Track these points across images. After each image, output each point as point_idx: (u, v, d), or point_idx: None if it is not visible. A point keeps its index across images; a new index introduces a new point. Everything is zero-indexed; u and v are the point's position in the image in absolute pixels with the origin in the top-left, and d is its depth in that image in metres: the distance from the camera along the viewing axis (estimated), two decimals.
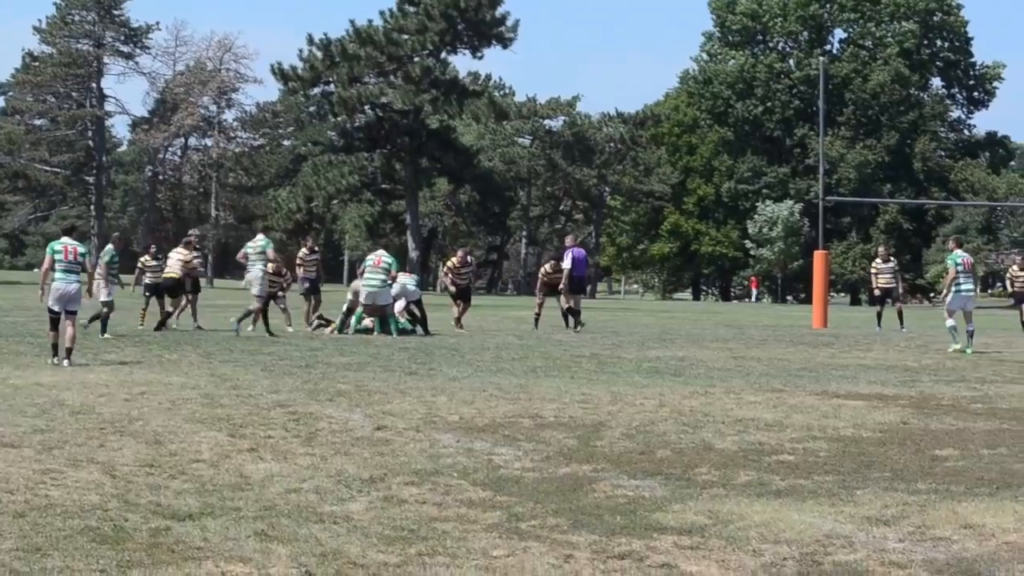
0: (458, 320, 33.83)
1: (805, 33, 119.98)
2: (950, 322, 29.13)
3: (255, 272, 30.30)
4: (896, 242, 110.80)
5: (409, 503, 9.33)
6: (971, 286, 29.41)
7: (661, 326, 39.41)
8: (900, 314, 38.16)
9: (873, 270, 38.59)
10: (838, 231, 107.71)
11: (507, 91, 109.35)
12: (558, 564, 7.47)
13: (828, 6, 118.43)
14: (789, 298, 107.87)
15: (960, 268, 29.08)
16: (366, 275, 30.62)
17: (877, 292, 38.42)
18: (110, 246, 30.77)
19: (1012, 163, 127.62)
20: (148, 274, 33.06)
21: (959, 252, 29.71)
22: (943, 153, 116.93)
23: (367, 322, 30.71)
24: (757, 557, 7.76)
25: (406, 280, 32.15)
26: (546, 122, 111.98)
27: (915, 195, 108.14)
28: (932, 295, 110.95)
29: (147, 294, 32.50)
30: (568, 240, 36.21)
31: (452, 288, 34.72)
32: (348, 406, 15.18)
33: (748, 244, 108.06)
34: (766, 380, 20.10)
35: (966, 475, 11.00)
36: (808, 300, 64.26)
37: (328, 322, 32.00)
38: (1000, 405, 17.03)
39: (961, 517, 9.11)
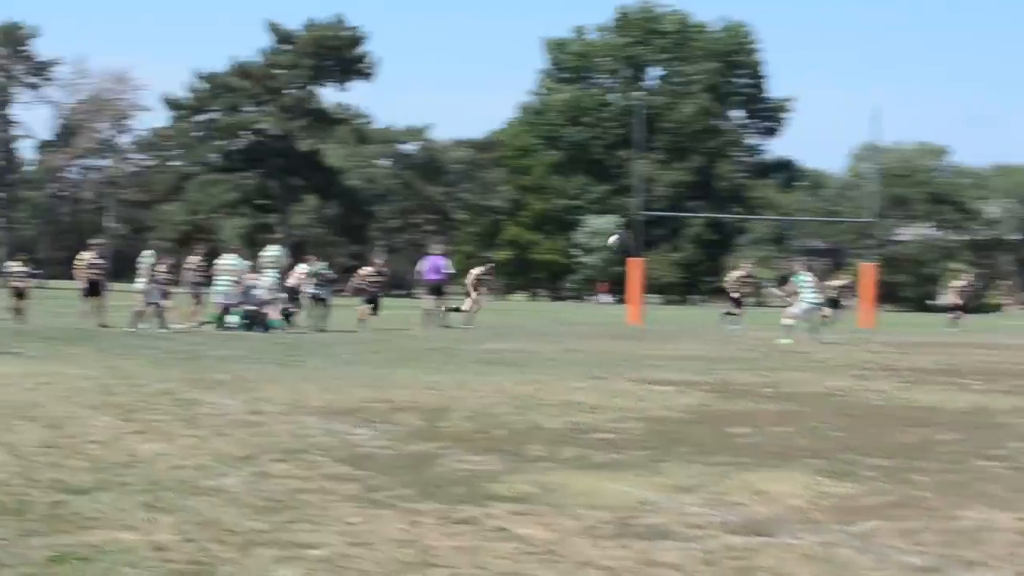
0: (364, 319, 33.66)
1: (625, 70, 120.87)
2: (788, 321, 30.24)
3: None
4: (701, 251, 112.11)
5: (278, 477, 9.25)
6: (819, 299, 31.76)
7: (501, 323, 39.45)
8: (736, 315, 39.44)
9: (730, 280, 39.73)
10: (653, 241, 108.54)
11: (368, 119, 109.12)
12: (407, 529, 7.45)
13: (645, 47, 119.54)
14: (611, 299, 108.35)
15: (808, 286, 31.20)
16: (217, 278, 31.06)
17: (735, 295, 39.62)
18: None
19: (799, 183, 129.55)
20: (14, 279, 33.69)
21: (804, 274, 31.72)
22: (741, 174, 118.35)
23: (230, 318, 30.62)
24: (579, 521, 7.79)
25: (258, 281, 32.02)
26: (402, 146, 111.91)
27: (717, 210, 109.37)
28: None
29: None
30: (433, 248, 36.31)
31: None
32: (226, 393, 15.03)
33: (576, 252, 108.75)
34: (590, 369, 20.22)
35: (757, 449, 11.13)
36: (624, 301, 64.66)
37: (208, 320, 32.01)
38: (786, 390, 17.28)
39: (752, 485, 9.21)
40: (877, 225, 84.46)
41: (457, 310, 35.61)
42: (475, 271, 38.03)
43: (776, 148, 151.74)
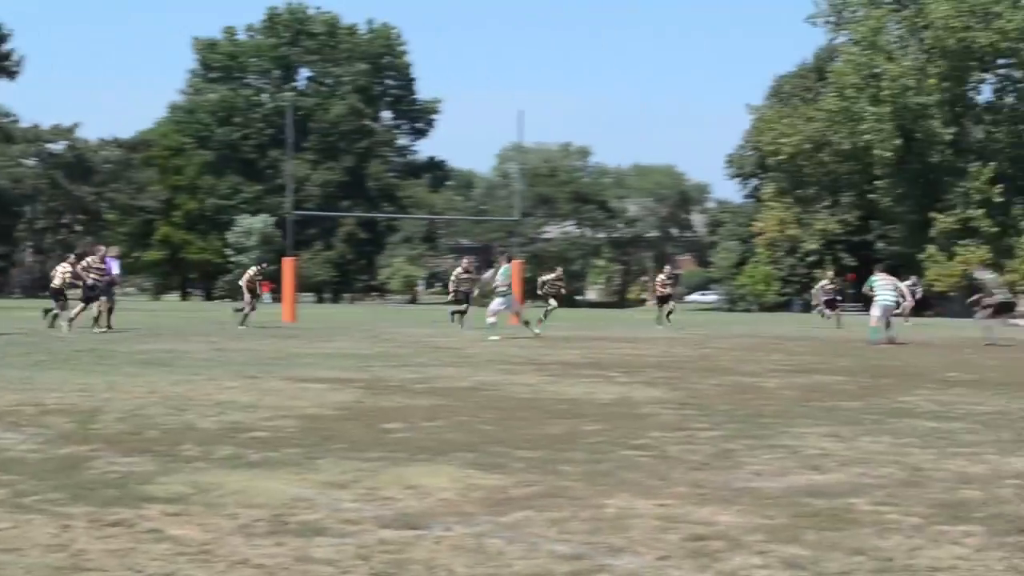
0: (73, 319, 32.49)
1: (276, 71, 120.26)
2: (492, 319, 31.01)
3: None
4: (353, 250, 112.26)
5: None
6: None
7: (152, 323, 38.72)
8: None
9: (454, 278, 39.29)
10: (306, 240, 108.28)
11: (13, 118, 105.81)
12: (57, 533, 7.26)
13: (295, 49, 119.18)
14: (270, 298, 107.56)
15: (508, 280, 32.79)
16: None
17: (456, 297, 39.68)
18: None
19: (448, 182, 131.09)
20: None
21: (507, 266, 33.05)
22: (392, 174, 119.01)
23: None
24: (233, 520, 7.72)
25: None
26: (49, 145, 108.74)
27: (369, 209, 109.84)
28: (384, 294, 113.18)
29: None
30: (111, 251, 35.62)
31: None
32: None
33: (229, 252, 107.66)
34: (243, 368, 20.04)
35: (409, 444, 11.22)
36: (280, 299, 64.32)
37: None
38: (438, 385, 17.47)
39: (405, 479, 9.29)
40: (523, 223, 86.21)
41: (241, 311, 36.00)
42: (250, 271, 38.21)
43: (426, 148, 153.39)
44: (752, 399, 16.09)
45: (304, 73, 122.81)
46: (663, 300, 43.56)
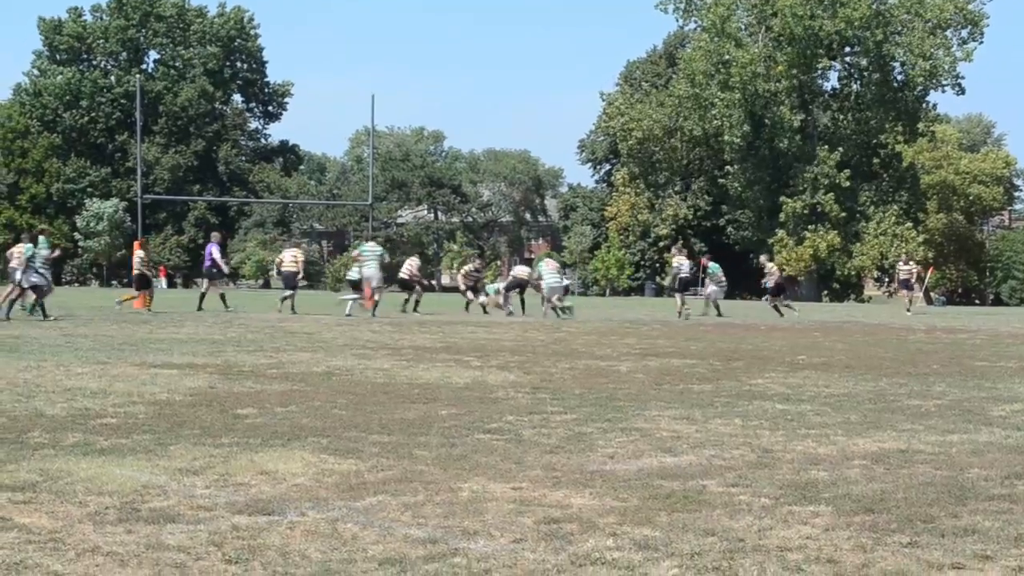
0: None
1: (124, 53, 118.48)
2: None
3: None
4: (205, 234, 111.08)
5: None
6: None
7: None
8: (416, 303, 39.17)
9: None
10: (156, 224, 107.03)
11: None
12: None
13: (144, 31, 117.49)
14: (114, 282, 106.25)
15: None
16: None
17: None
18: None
19: (301, 167, 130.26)
20: None
21: (366, 244, 35.07)
22: (243, 158, 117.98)
23: None
24: (83, 507, 7.61)
25: None
26: None
27: (220, 194, 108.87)
28: (236, 280, 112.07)
29: None
30: (214, 236, 36.33)
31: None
32: None
33: (77, 236, 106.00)
34: (92, 354, 19.71)
35: (263, 429, 11.15)
36: (131, 285, 63.37)
37: None
38: (291, 370, 17.35)
39: (258, 465, 9.23)
40: (376, 208, 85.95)
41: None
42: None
43: (278, 133, 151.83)
44: (605, 383, 16.22)
45: (153, 56, 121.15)
46: (908, 286, 46.43)
